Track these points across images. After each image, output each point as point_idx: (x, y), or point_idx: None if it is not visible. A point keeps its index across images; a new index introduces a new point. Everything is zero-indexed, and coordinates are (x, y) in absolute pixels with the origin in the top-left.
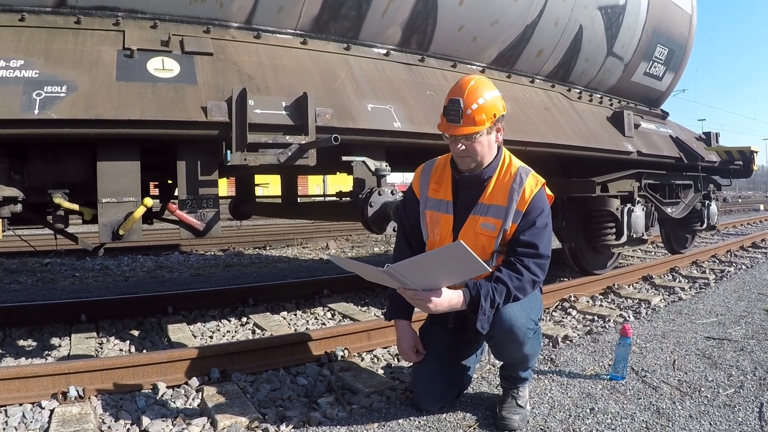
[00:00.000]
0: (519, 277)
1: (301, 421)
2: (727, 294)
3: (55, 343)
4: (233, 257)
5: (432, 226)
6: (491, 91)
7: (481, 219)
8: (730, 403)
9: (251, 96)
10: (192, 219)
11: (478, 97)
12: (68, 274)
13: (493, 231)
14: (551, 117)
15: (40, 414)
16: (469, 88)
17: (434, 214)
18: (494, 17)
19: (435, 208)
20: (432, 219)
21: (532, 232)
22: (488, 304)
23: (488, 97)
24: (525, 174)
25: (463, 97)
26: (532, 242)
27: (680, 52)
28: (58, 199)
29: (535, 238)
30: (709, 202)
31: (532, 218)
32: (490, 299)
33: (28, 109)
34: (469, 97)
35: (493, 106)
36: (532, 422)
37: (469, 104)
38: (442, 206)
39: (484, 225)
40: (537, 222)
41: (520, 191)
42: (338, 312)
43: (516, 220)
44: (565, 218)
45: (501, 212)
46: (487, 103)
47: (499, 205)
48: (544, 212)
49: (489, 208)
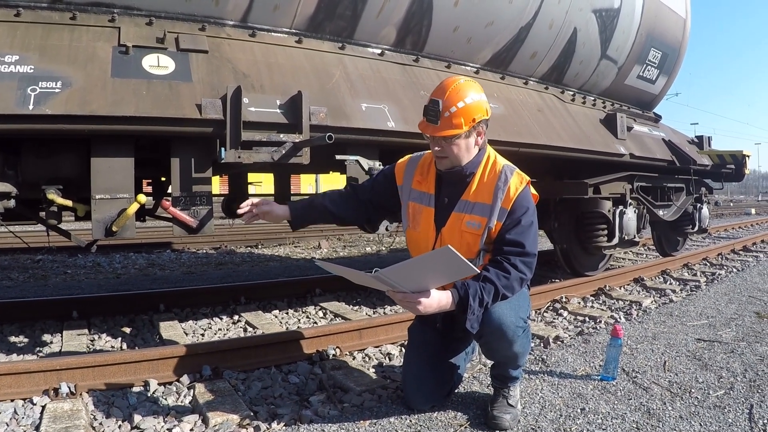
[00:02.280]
0: (506, 275)
1: (293, 419)
2: (717, 296)
3: (46, 339)
4: (225, 255)
5: (413, 217)
6: (474, 94)
7: (467, 217)
8: (720, 404)
9: (246, 94)
10: (185, 216)
11: (457, 101)
12: (60, 270)
13: (478, 229)
14: (544, 119)
15: (31, 410)
16: (450, 90)
17: (416, 206)
18: (489, 19)
19: (417, 200)
20: (414, 210)
21: (518, 230)
22: (477, 304)
23: (469, 100)
24: (510, 172)
25: (443, 98)
26: (518, 241)
27: (674, 55)
28: (52, 195)
29: (520, 236)
30: (701, 205)
31: (517, 217)
32: (478, 299)
33: (23, 104)
34: (449, 99)
35: (473, 109)
36: (523, 422)
37: (448, 107)
38: (424, 199)
39: (470, 223)
40: (522, 220)
41: (504, 189)
42: (330, 311)
43: (501, 219)
44: (557, 220)
45: (486, 210)
46: (467, 106)
47: (484, 203)
48: (529, 210)
49: (474, 206)
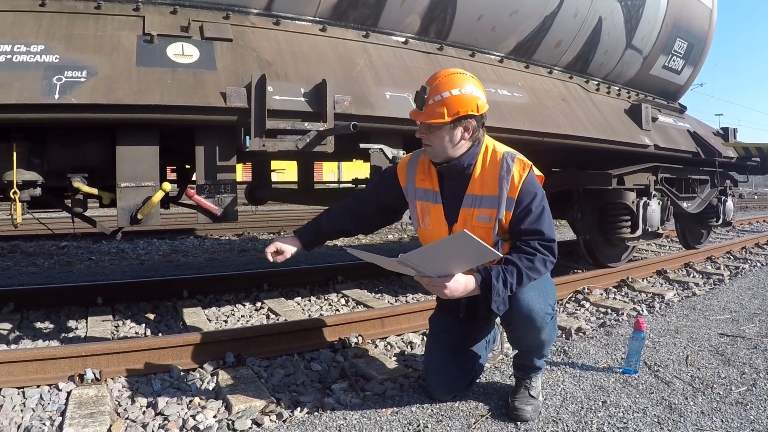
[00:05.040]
0: (529, 257)
1: (315, 407)
2: (741, 291)
3: (71, 325)
4: (248, 242)
5: (422, 215)
6: (465, 88)
7: (477, 211)
8: (742, 400)
9: (270, 82)
10: (210, 204)
11: (443, 91)
12: (84, 257)
13: (489, 222)
14: (569, 108)
15: (57, 396)
16: (440, 79)
17: (424, 204)
18: (513, 7)
19: (424, 198)
20: (422, 209)
21: (531, 219)
22: (500, 284)
23: (456, 92)
24: (511, 159)
25: (431, 86)
26: (534, 229)
27: (700, 46)
28: (78, 183)
29: (535, 224)
30: (726, 197)
31: (526, 204)
32: (501, 279)
33: (49, 93)
34: (436, 88)
35: (460, 102)
36: (544, 413)
37: (433, 95)
38: (430, 196)
39: (480, 217)
40: (533, 208)
41: (509, 178)
42: (352, 299)
43: (509, 208)
44: (581, 210)
45: (494, 202)
46: (453, 98)
47: (492, 195)
48: (537, 196)
49: (482, 200)
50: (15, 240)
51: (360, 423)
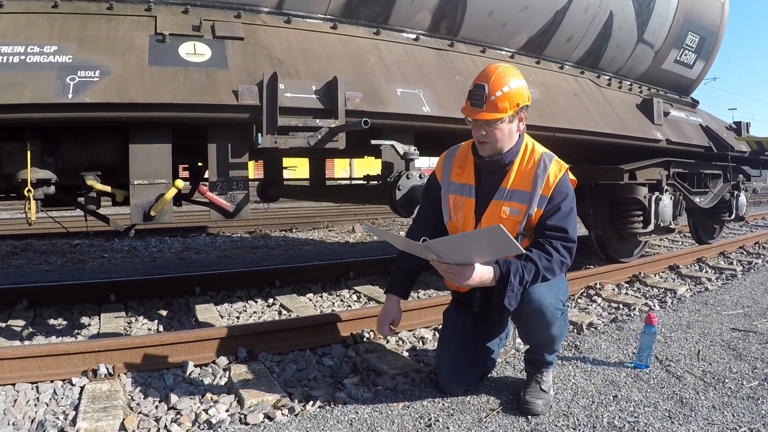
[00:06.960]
0: (548, 257)
1: (327, 401)
2: (754, 286)
3: (84, 322)
4: (260, 239)
5: (455, 209)
6: (517, 80)
7: (506, 204)
8: (753, 395)
9: (282, 80)
10: (222, 201)
11: (503, 85)
12: (97, 255)
13: (518, 216)
14: (580, 103)
15: (70, 390)
16: (496, 75)
17: (457, 198)
18: (524, 3)
19: (458, 192)
20: (455, 203)
21: (559, 216)
22: (517, 281)
23: (513, 85)
24: (549, 160)
25: (488, 83)
26: (560, 226)
27: (711, 39)
28: (91, 181)
29: (562, 222)
30: (738, 192)
31: (557, 203)
32: (519, 276)
33: (62, 93)
34: (495, 83)
35: (517, 95)
36: (555, 408)
37: (494, 91)
38: (465, 190)
39: (510, 210)
40: (562, 206)
41: (544, 177)
42: (363, 294)
43: (541, 206)
44: (593, 205)
45: (526, 197)
46: (511, 91)
47: (524, 190)
48: (568, 197)
49: (513, 194)
50: (28, 238)
51: (371, 417)
